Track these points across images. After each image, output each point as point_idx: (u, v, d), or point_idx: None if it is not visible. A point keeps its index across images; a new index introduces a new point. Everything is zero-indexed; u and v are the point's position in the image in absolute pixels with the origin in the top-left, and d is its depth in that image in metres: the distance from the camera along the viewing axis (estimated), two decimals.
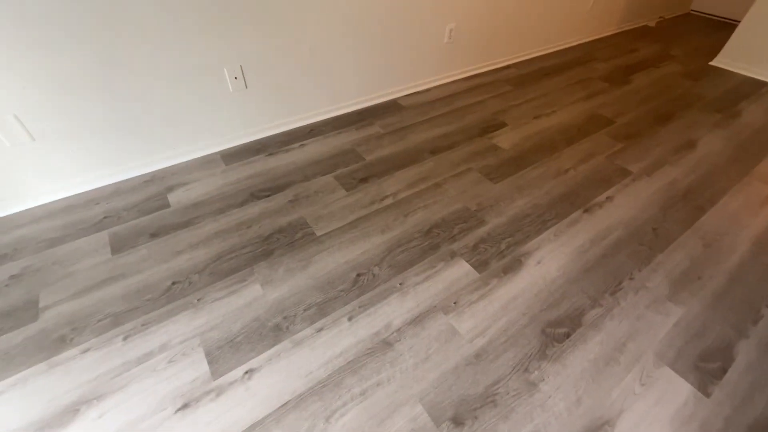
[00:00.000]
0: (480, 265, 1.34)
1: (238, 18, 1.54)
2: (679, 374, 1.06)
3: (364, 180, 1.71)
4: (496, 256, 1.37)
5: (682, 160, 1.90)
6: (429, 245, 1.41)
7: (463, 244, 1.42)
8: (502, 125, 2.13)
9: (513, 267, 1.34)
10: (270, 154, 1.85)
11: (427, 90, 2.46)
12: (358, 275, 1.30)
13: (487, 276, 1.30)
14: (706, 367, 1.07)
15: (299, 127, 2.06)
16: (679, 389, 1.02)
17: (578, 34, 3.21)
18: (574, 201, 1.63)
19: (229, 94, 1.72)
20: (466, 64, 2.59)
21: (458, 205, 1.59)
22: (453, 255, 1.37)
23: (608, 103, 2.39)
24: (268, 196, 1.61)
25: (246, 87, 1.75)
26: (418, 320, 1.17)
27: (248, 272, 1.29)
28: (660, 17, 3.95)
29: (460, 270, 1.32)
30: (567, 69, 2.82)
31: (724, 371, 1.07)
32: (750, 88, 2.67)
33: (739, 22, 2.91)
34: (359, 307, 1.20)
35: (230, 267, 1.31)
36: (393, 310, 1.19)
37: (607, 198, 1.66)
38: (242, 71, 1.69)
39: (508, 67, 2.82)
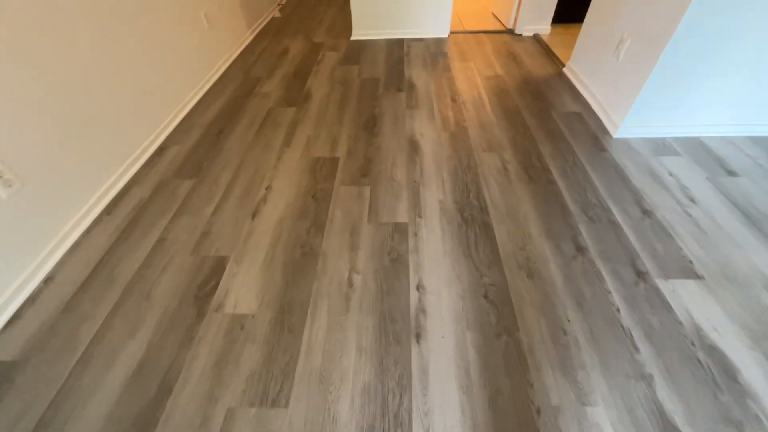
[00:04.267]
0: None
1: None
2: None
3: None
4: None
5: (427, 175, 1.66)
6: None
7: None
8: (221, 266, 1.30)
9: None
10: None
11: (48, 280, 1.27)
12: None
13: None
14: None
15: None
16: None
17: (219, 57, 2.52)
18: (396, 329, 1.10)
19: None
20: (91, 185, 1.49)
21: None
22: None
23: (314, 137, 1.91)
24: None
25: None
26: None
27: None
28: (279, 4, 3.74)
29: None
30: (239, 109, 2.15)
31: None
32: (397, 50, 2.79)
33: None
34: None
35: None
36: None
37: (419, 288, 1.21)
38: None
39: (163, 147, 1.87)
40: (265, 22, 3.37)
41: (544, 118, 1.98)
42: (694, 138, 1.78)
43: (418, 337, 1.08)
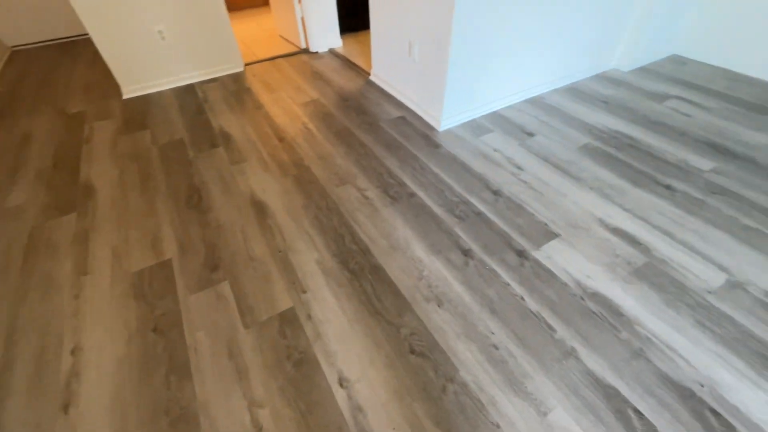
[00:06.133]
0: None
1: None
2: None
3: None
4: None
5: (290, 237, 1.42)
6: None
7: None
8: None
9: None
10: None
11: None
12: None
13: None
14: None
15: None
16: None
17: None
18: None
19: None
20: None
21: None
22: None
23: (122, 244, 1.41)
24: None
25: None
26: None
27: None
28: None
29: None
30: None
31: None
32: (191, 99, 2.36)
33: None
34: None
35: None
36: None
37: (342, 383, 0.99)
38: None
39: None
40: None
41: (375, 131, 1.98)
42: (494, 113, 2.07)
43: None
